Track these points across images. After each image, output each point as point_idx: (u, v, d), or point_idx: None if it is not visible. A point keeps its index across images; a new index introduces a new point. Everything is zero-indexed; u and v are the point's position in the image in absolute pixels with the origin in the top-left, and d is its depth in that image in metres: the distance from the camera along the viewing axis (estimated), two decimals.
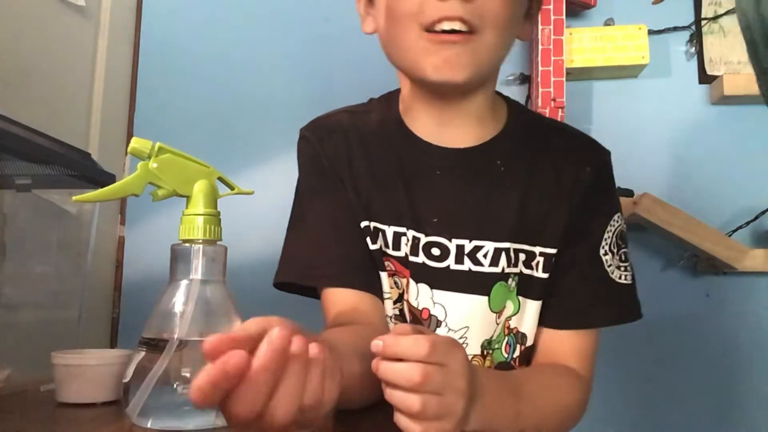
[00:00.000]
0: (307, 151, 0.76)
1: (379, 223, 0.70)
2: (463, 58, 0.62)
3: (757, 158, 1.24)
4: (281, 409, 0.36)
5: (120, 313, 1.31)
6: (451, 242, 0.68)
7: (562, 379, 0.67)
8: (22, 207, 0.84)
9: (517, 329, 0.70)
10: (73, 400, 0.60)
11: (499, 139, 0.72)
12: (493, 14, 0.62)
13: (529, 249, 0.69)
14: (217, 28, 1.38)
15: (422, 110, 0.72)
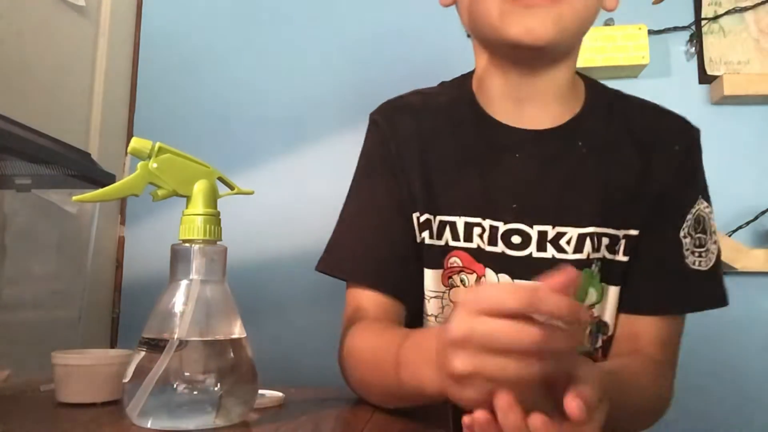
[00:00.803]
0: (375, 137, 0.73)
1: (447, 216, 0.67)
2: (547, 22, 0.59)
3: (757, 158, 1.24)
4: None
5: (120, 313, 1.31)
6: (533, 229, 0.65)
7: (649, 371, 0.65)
8: (22, 207, 0.84)
9: (599, 318, 0.67)
10: (73, 400, 0.60)
11: (581, 119, 0.69)
12: None
13: (613, 233, 0.66)
14: (217, 27, 1.38)
15: (498, 87, 0.68)
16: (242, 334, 0.53)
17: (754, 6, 1.27)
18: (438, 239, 0.67)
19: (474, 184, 0.67)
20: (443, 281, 0.67)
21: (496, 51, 0.66)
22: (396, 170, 0.69)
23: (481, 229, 0.66)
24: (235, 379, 0.50)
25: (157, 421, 0.48)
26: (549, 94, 0.68)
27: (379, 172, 0.71)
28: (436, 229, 0.67)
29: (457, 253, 0.66)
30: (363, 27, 1.34)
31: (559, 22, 0.60)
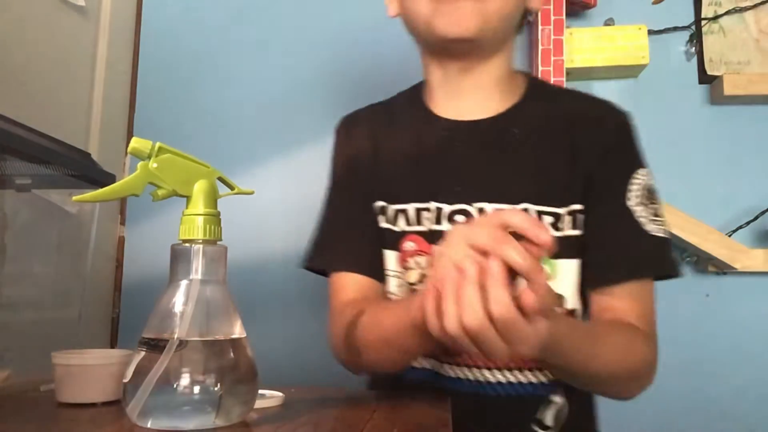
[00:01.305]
0: (337, 146, 0.84)
1: (401, 204, 0.75)
2: (472, 16, 0.67)
3: (757, 158, 1.24)
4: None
5: (120, 313, 1.31)
6: (473, 207, 0.72)
7: (628, 334, 0.67)
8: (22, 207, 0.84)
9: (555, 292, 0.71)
10: (73, 400, 0.60)
11: (517, 109, 0.76)
12: None
13: (554, 211, 0.71)
14: (217, 28, 1.38)
15: (438, 83, 0.77)
16: (242, 334, 0.53)
17: (754, 6, 1.27)
18: (394, 225, 0.75)
19: (422, 174, 0.75)
20: (400, 263, 0.75)
21: (432, 48, 0.75)
22: (358, 170, 0.80)
23: (428, 212, 0.73)
24: (235, 379, 0.50)
25: (157, 421, 0.48)
26: (485, 87, 0.76)
27: (343, 174, 0.81)
28: (393, 216, 0.76)
29: (412, 237, 0.74)
30: (363, 28, 1.34)
31: (482, 16, 0.68)
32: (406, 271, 0.74)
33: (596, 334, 0.66)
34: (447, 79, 0.76)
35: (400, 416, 0.57)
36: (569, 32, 1.22)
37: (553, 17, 1.19)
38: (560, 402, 0.71)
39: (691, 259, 1.20)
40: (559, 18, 1.19)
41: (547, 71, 1.18)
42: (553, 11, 1.19)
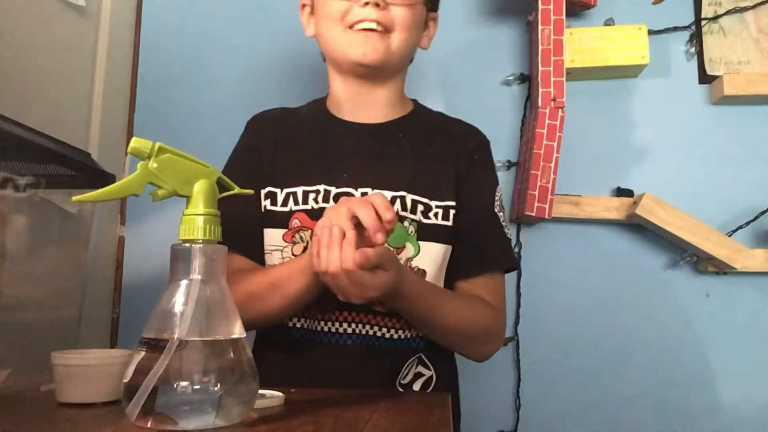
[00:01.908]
0: (244, 135, 0.98)
1: (291, 188, 0.87)
2: (379, 47, 0.85)
3: (757, 158, 1.24)
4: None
5: (120, 313, 1.31)
6: (357, 191, 0.86)
7: (474, 300, 0.85)
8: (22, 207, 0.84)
9: (417, 267, 0.85)
10: (73, 400, 0.60)
11: (403, 120, 0.94)
12: (400, 19, 0.86)
13: (425, 201, 0.87)
14: (217, 27, 1.38)
15: (344, 96, 0.93)
16: (242, 334, 0.53)
17: (754, 6, 1.27)
18: (283, 206, 0.87)
19: (315, 163, 0.89)
20: (285, 238, 0.86)
21: (341, 67, 0.91)
22: (254, 159, 0.92)
23: (316, 193, 0.86)
24: (235, 379, 0.50)
25: (157, 421, 0.48)
26: (380, 102, 0.93)
27: (242, 163, 0.93)
28: (282, 198, 0.88)
29: (298, 215, 0.86)
30: None
31: (387, 49, 0.86)
32: (293, 245, 0.86)
33: (442, 291, 0.85)
34: (349, 92, 0.92)
35: (400, 416, 0.57)
36: (569, 32, 1.22)
37: (553, 17, 1.19)
38: (429, 374, 0.85)
39: (691, 259, 1.20)
40: (559, 18, 1.19)
41: (547, 71, 1.18)
42: (553, 11, 1.19)
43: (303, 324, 0.84)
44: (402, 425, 0.54)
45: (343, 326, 0.83)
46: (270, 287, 0.79)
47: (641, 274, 1.23)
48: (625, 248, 1.24)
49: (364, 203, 0.69)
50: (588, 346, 1.21)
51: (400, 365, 0.84)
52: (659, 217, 1.15)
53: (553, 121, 1.17)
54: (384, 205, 0.68)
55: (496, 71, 1.30)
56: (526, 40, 1.30)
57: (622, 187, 1.23)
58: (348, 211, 0.69)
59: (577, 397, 1.21)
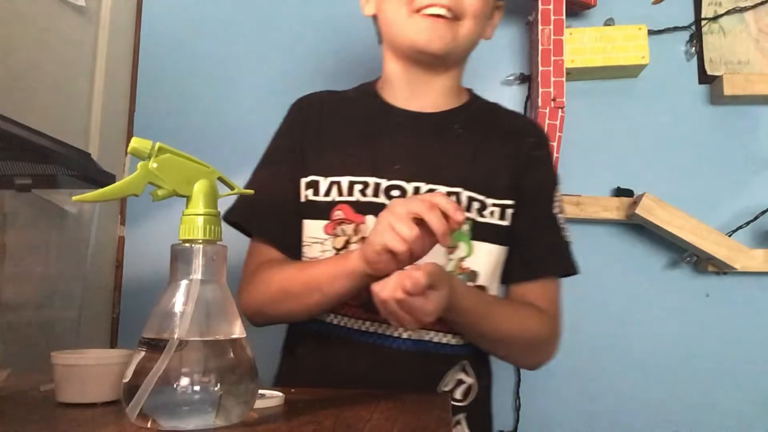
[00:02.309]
0: (287, 119, 0.92)
1: (336, 177, 0.82)
2: (447, 36, 0.80)
3: (757, 158, 1.24)
4: None
5: (120, 313, 1.31)
6: (409, 184, 0.81)
7: (525, 308, 0.81)
8: (22, 207, 0.84)
9: (469, 268, 0.81)
10: (73, 400, 0.60)
11: (459, 110, 0.88)
12: (472, 7, 0.81)
13: (481, 198, 0.82)
14: (217, 27, 1.38)
15: (400, 82, 0.87)
16: (242, 334, 0.53)
17: (754, 6, 1.27)
18: (326, 196, 0.82)
19: (363, 150, 0.84)
20: (326, 230, 0.81)
21: (402, 52, 0.85)
22: (295, 145, 0.87)
23: (363, 185, 0.81)
24: (235, 379, 0.50)
25: (157, 421, 0.48)
26: (437, 91, 0.87)
27: (283, 148, 0.89)
28: (325, 188, 0.82)
29: (341, 206, 0.81)
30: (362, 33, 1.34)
31: (454, 37, 0.81)
32: (334, 238, 0.81)
33: (492, 300, 0.81)
34: (406, 78, 0.87)
35: (400, 416, 0.57)
36: (569, 32, 1.22)
37: (553, 17, 1.19)
38: (470, 381, 0.82)
39: (691, 259, 1.20)
40: (559, 18, 1.19)
41: (547, 71, 1.18)
42: (553, 11, 1.19)
43: (345, 322, 0.80)
44: (402, 425, 0.54)
45: (390, 328, 0.78)
46: (309, 286, 0.75)
47: (641, 274, 1.23)
48: (625, 248, 1.24)
49: (429, 206, 0.63)
50: (587, 346, 1.21)
51: (444, 371, 0.80)
52: (659, 217, 1.15)
53: (553, 121, 1.17)
54: (453, 206, 0.63)
55: (496, 71, 1.30)
56: (526, 40, 1.30)
57: (622, 187, 1.23)
58: (408, 213, 0.63)
59: (577, 397, 1.21)
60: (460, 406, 0.81)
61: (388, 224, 0.64)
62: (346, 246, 0.79)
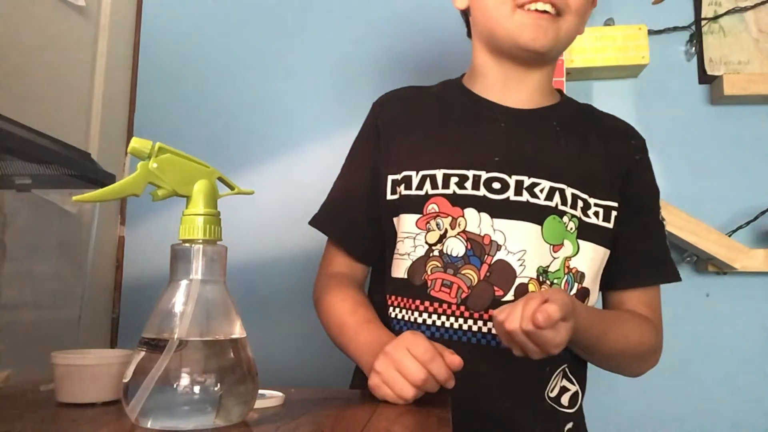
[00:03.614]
0: (368, 118, 0.89)
1: (428, 170, 0.79)
2: (550, 33, 0.77)
3: (757, 158, 1.24)
4: None
5: (120, 313, 1.31)
6: (511, 178, 0.77)
7: (638, 319, 0.80)
8: (22, 207, 0.84)
9: (576, 269, 0.78)
10: (73, 400, 0.60)
11: (556, 108, 0.85)
12: (575, 3, 0.77)
13: (584, 197, 0.79)
14: (217, 27, 1.38)
15: (493, 77, 0.84)
16: (242, 334, 0.53)
17: (754, 6, 1.27)
18: (418, 190, 0.79)
19: (457, 143, 0.81)
20: (419, 225, 0.79)
21: (501, 50, 0.81)
22: (379, 142, 0.84)
23: (460, 178, 0.78)
24: (235, 379, 0.50)
25: (157, 421, 0.48)
26: (532, 87, 0.84)
27: (363, 151, 0.87)
28: (418, 182, 0.79)
29: (435, 199, 0.78)
30: (362, 26, 1.34)
31: (557, 34, 0.77)
32: (427, 233, 0.78)
33: (608, 316, 0.79)
34: (501, 74, 0.83)
35: (400, 416, 0.57)
36: None
37: None
38: (574, 389, 0.80)
39: (691, 259, 1.20)
40: None
41: None
42: None
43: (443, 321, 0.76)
44: (402, 425, 0.54)
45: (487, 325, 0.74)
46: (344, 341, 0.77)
47: None
48: None
49: (431, 357, 0.62)
50: None
51: (549, 375, 0.77)
52: None
53: None
54: (445, 374, 0.62)
55: None
56: None
57: None
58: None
59: None
60: (569, 413, 0.79)
61: (393, 376, 0.62)
62: (440, 241, 0.77)
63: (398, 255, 0.80)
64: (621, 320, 0.79)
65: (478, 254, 0.75)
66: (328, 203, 0.88)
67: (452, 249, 0.76)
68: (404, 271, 0.78)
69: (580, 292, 0.78)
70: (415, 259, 0.78)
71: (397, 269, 0.80)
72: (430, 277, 0.76)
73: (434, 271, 0.76)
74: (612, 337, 0.75)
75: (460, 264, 0.75)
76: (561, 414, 0.78)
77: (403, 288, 0.78)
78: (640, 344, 0.78)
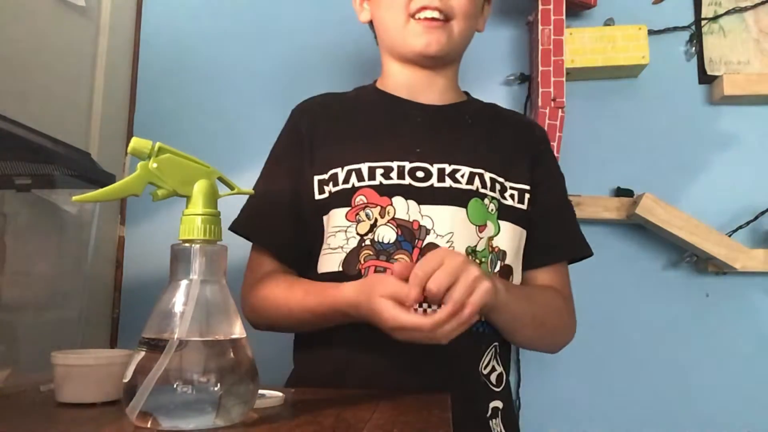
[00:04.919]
0: (288, 123, 0.95)
1: (353, 164, 0.83)
2: (442, 39, 0.85)
3: (757, 158, 1.24)
4: None
5: (120, 313, 1.30)
6: (433, 166, 0.83)
7: (552, 291, 0.87)
8: (22, 207, 0.84)
9: (498, 248, 0.84)
10: (73, 400, 0.60)
11: (465, 104, 0.94)
12: (461, 7, 0.85)
13: (501, 180, 0.86)
14: (217, 28, 1.38)
15: (402, 80, 0.91)
16: (242, 334, 0.53)
17: (754, 6, 1.27)
18: (345, 184, 0.83)
19: (379, 138, 0.86)
20: (348, 217, 0.82)
21: (402, 57, 0.90)
22: (303, 147, 0.88)
23: (385, 169, 0.82)
24: (235, 379, 0.50)
25: (157, 421, 0.48)
26: (439, 87, 0.91)
27: (284, 155, 0.91)
28: (344, 176, 0.83)
29: (363, 191, 0.82)
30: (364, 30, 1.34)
31: (449, 39, 0.86)
32: (357, 224, 0.81)
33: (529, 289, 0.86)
34: (408, 78, 0.91)
35: (400, 416, 0.57)
36: (569, 32, 1.21)
37: (553, 17, 1.19)
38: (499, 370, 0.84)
39: (691, 259, 1.20)
40: (559, 18, 1.19)
41: (547, 71, 1.18)
42: (553, 11, 1.19)
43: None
44: (402, 425, 0.54)
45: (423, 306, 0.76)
46: (305, 313, 0.79)
47: (641, 274, 1.23)
48: (625, 248, 1.24)
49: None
50: (587, 346, 1.21)
51: (482, 350, 0.82)
52: (659, 217, 1.15)
53: (553, 121, 1.17)
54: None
55: (496, 71, 1.30)
56: (526, 40, 1.30)
57: (622, 187, 1.23)
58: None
59: (577, 398, 1.21)
60: (497, 391, 0.83)
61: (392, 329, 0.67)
62: (371, 230, 0.80)
63: (330, 249, 0.83)
64: (539, 291, 0.86)
65: (408, 239, 0.79)
66: (251, 208, 0.89)
67: (383, 236, 0.80)
68: (338, 264, 0.81)
69: (503, 269, 0.84)
70: (349, 251, 0.80)
71: (329, 264, 0.82)
72: (364, 265, 0.79)
73: (367, 259, 0.79)
74: (535, 305, 0.81)
75: (392, 250, 0.79)
76: (491, 391, 0.83)
77: (338, 280, 0.78)
78: (559, 315, 0.85)
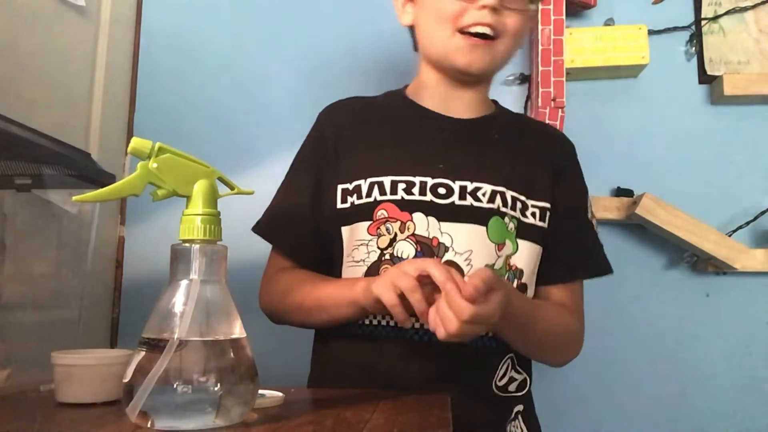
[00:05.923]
0: (314, 128, 0.93)
1: (376, 177, 0.82)
2: (486, 57, 0.82)
3: (757, 158, 1.24)
4: None
5: (120, 313, 1.30)
6: (455, 183, 0.81)
7: (562, 309, 0.85)
8: (22, 207, 0.84)
9: (515, 266, 0.83)
10: (73, 400, 0.60)
11: (493, 117, 0.91)
12: (512, 27, 0.81)
13: (523, 199, 0.84)
14: (218, 28, 1.38)
15: (434, 91, 0.89)
16: (242, 334, 0.53)
17: (754, 6, 1.27)
18: (368, 198, 0.82)
19: (403, 152, 0.85)
20: (370, 231, 0.81)
21: (441, 70, 0.87)
22: (327, 152, 0.87)
23: (407, 184, 0.81)
24: (235, 379, 0.50)
25: (156, 421, 0.48)
26: (470, 100, 0.89)
27: (308, 159, 0.90)
28: (366, 189, 0.82)
29: (384, 205, 0.81)
30: (364, 28, 1.34)
31: (492, 58, 0.82)
32: (378, 238, 0.81)
33: (538, 303, 0.84)
34: (441, 87, 0.89)
35: (400, 416, 0.57)
36: (569, 32, 1.22)
37: (553, 17, 1.19)
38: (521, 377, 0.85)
39: (691, 259, 1.20)
40: (559, 18, 1.19)
41: (547, 71, 1.18)
42: (553, 11, 1.19)
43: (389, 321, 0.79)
44: (402, 425, 0.54)
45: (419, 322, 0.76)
46: (317, 305, 0.79)
47: (641, 274, 1.23)
48: (625, 248, 1.24)
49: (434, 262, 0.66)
50: (587, 346, 1.21)
51: (496, 364, 0.81)
52: (659, 217, 1.15)
53: (553, 121, 1.17)
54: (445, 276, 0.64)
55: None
56: (526, 40, 1.30)
57: (622, 187, 1.23)
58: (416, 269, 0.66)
59: (577, 397, 1.21)
60: (518, 396, 0.84)
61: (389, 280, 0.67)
62: (391, 245, 0.80)
63: (353, 262, 0.82)
64: (548, 307, 0.84)
65: (428, 256, 0.78)
66: (274, 211, 0.89)
67: (402, 251, 0.79)
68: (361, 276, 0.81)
69: (519, 287, 0.83)
70: (370, 264, 0.81)
71: (352, 275, 0.82)
72: None
73: None
74: (542, 321, 0.80)
75: None
76: (510, 399, 0.83)
77: None
78: (566, 332, 0.84)
